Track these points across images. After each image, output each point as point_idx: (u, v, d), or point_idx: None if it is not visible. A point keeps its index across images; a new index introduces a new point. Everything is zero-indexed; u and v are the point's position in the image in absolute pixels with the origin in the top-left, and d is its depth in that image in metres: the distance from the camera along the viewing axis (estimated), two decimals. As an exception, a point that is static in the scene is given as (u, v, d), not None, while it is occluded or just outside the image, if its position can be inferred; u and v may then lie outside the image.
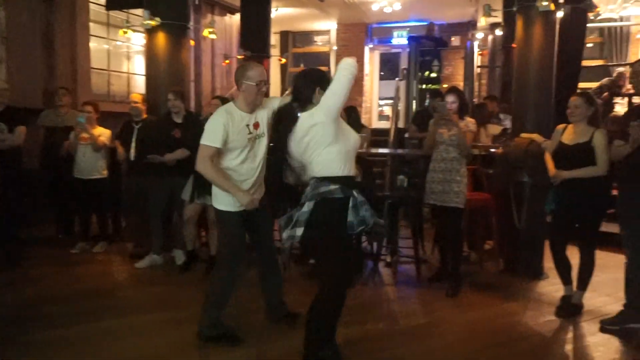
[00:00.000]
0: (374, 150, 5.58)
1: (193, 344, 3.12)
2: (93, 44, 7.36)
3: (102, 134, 5.08)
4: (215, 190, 3.08)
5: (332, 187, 2.52)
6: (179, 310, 3.71)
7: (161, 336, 3.28)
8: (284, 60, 10.32)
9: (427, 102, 6.69)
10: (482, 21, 8.61)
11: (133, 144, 4.92)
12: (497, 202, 4.68)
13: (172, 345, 3.14)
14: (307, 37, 13.19)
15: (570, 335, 3.44)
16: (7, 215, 4.66)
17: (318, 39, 13.14)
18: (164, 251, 4.86)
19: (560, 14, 4.56)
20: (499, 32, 9.69)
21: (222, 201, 3.06)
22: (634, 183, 3.35)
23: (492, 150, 5.14)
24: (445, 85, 9.42)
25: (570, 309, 3.67)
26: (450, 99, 4.11)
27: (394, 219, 4.86)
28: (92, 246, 5.24)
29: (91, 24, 7.17)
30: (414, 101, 8.85)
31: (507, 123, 5.84)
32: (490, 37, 10.84)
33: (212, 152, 2.90)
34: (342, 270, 2.62)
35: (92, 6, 7.15)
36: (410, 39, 9.62)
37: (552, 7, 4.35)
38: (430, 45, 9.24)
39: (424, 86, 9.02)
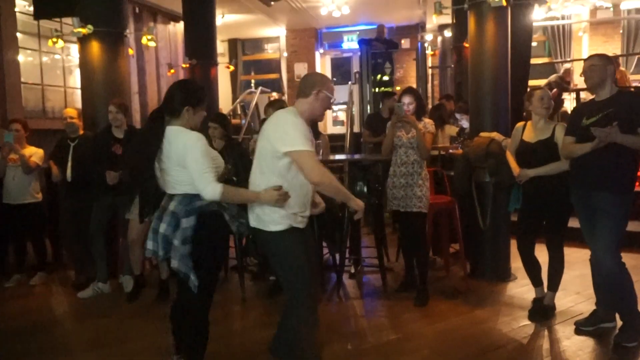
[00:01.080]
0: (330, 157, 5.35)
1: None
2: (25, 57, 6.84)
3: (34, 153, 4.65)
4: (260, 209, 2.49)
5: (206, 202, 2.46)
6: (128, 344, 3.38)
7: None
8: (232, 67, 10.01)
9: (381, 105, 6.54)
10: (434, 19, 8.60)
11: (69, 163, 4.51)
12: (460, 204, 4.55)
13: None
14: (256, 44, 12.95)
15: (546, 340, 3.30)
16: None
17: (268, 46, 12.91)
18: (110, 278, 4.46)
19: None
20: (447, 33, 9.77)
21: (275, 219, 2.48)
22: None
23: (452, 151, 5.02)
24: (398, 88, 9.36)
25: (543, 312, 3.55)
26: (406, 100, 3.93)
27: (355, 227, 4.65)
28: (29, 278, 4.77)
29: (21, 36, 6.65)
30: (368, 105, 8.73)
31: (464, 123, 5.76)
32: (439, 39, 10.94)
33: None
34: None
35: (21, 16, 6.64)
36: (360, 42, 9.53)
37: (504, 2, 4.26)
38: (382, 48, 9.16)
39: (377, 89, 8.92)
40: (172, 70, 9.03)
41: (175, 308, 2.76)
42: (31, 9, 6.45)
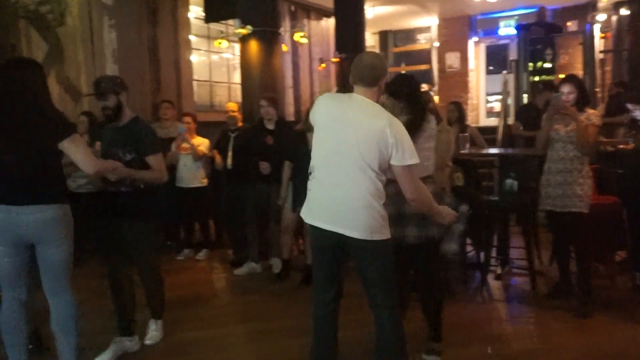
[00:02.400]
0: (478, 151, 5.11)
1: (284, 356, 3.03)
2: (196, 57, 7.66)
3: (201, 143, 5.19)
4: (374, 217, 2.30)
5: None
6: (273, 321, 3.64)
7: (254, 347, 3.22)
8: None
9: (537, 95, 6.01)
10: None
11: (230, 153, 4.96)
12: (629, 206, 4.01)
13: (263, 358, 3.07)
14: (407, 35, 12.78)
15: None
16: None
17: (420, 36, 12.67)
18: (261, 259, 4.84)
19: None
20: (624, 11, 8.62)
21: (385, 228, 2.35)
22: None
23: (621, 146, 4.44)
24: (561, 76, 8.53)
25: None
26: (566, 89, 3.57)
27: (504, 226, 4.39)
28: (195, 253, 5.39)
29: (194, 38, 7.47)
30: (525, 95, 8.10)
31: (638, 114, 5.04)
32: (614, 18, 9.69)
33: None
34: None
35: (193, 21, 7.45)
36: (518, 27, 8.84)
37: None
38: (542, 33, 8.39)
39: (536, 78, 8.23)
40: (323, 65, 9.37)
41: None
42: (203, 13, 7.25)
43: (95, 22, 5.91)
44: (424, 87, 10.61)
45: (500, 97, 8.92)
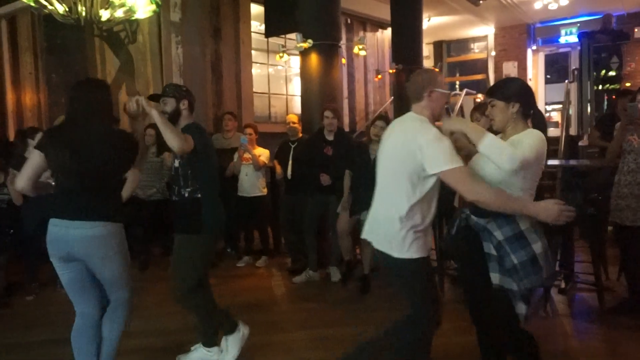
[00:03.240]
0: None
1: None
2: (255, 70, 7.91)
3: (262, 154, 5.36)
4: (397, 234, 2.30)
5: None
6: (328, 329, 3.71)
7: (319, 354, 3.29)
8: (437, 70, 10.00)
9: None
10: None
11: (290, 163, 5.09)
12: None
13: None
14: (462, 45, 12.66)
15: None
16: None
17: (474, 45, 12.52)
18: (319, 268, 4.93)
19: None
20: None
21: (413, 247, 2.31)
22: None
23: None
24: (628, 84, 8.20)
25: None
26: (640, 99, 3.48)
27: (568, 240, 4.27)
28: (255, 260, 5.55)
29: (253, 52, 7.72)
30: (589, 104, 7.84)
31: None
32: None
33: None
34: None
35: (255, 35, 7.71)
36: (581, 35, 8.58)
37: None
38: (607, 40, 8.12)
39: (600, 87, 7.96)
40: (379, 76, 9.44)
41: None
42: (262, 28, 7.49)
43: (164, 39, 6.24)
44: (480, 97, 10.46)
45: (559, 106, 8.67)
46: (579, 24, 10.55)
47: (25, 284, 4.70)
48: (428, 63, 10.57)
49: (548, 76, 11.76)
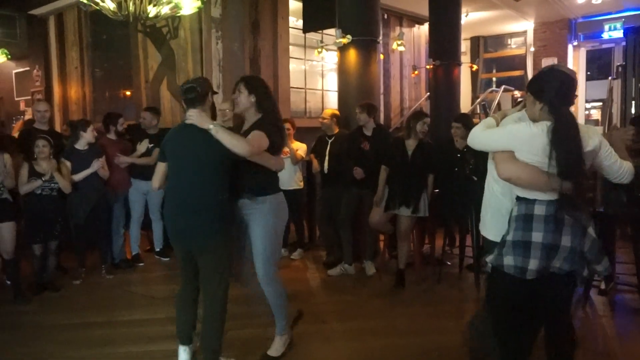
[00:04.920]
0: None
1: (374, 355, 3.16)
2: (292, 65, 7.98)
3: (299, 148, 5.43)
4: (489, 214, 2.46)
5: None
6: (365, 321, 3.78)
7: (348, 345, 3.36)
8: (475, 67, 9.88)
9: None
10: None
11: (327, 157, 5.15)
12: None
13: (356, 355, 3.21)
14: (499, 40, 12.45)
15: None
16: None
17: (512, 41, 12.30)
18: (354, 261, 4.97)
19: None
20: None
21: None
22: None
23: None
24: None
25: None
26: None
27: (610, 240, 4.20)
28: (290, 252, 5.63)
29: (292, 47, 7.79)
30: (633, 102, 7.61)
31: None
32: None
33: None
34: None
35: (292, 31, 7.78)
36: (627, 30, 8.31)
37: None
38: (655, 36, 7.84)
39: (645, 84, 7.70)
40: (416, 72, 9.39)
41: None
42: (298, 23, 7.55)
43: (205, 34, 6.37)
44: (517, 94, 10.29)
45: (599, 104, 8.46)
46: (624, 19, 10.24)
47: (73, 270, 4.92)
48: (465, 58, 10.43)
49: (589, 73, 11.46)
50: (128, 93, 7.94)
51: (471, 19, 10.01)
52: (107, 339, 3.50)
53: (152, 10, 5.71)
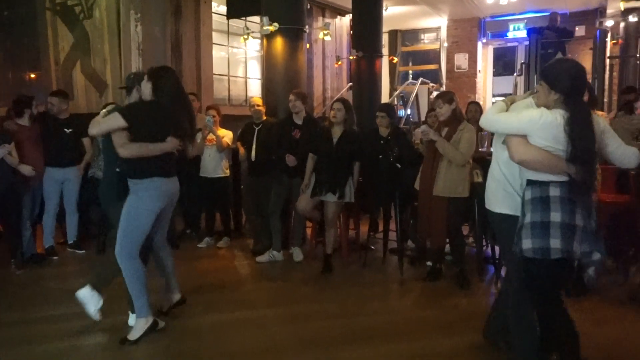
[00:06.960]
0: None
1: (307, 338, 3.24)
2: (214, 51, 7.82)
3: (225, 135, 5.36)
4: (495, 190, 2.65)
5: None
6: (296, 305, 3.84)
7: (290, 328, 3.41)
8: (396, 59, 10.23)
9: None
10: (621, 5, 7.84)
11: (254, 145, 5.13)
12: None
13: (290, 339, 3.26)
14: (415, 35, 12.96)
15: None
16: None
17: (426, 36, 12.86)
18: (282, 248, 5.02)
19: None
20: (633, 18, 8.83)
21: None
22: None
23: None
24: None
25: None
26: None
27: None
28: (216, 241, 5.56)
29: (213, 33, 7.63)
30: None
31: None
32: (622, 25, 9.90)
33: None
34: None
35: (214, 16, 7.62)
36: (530, 31, 9.03)
37: None
38: (554, 37, 8.59)
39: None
40: (339, 62, 9.55)
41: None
42: (220, 9, 7.40)
43: (122, 16, 6.06)
44: (433, 87, 10.81)
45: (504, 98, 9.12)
46: (526, 20, 11.07)
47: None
48: (384, 52, 10.77)
49: (494, 69, 12.28)
50: (33, 76, 7.37)
51: (390, 12, 10.33)
52: (21, 337, 3.28)
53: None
